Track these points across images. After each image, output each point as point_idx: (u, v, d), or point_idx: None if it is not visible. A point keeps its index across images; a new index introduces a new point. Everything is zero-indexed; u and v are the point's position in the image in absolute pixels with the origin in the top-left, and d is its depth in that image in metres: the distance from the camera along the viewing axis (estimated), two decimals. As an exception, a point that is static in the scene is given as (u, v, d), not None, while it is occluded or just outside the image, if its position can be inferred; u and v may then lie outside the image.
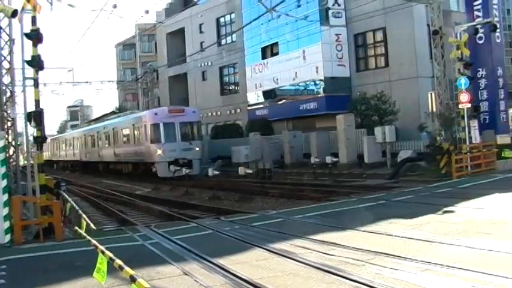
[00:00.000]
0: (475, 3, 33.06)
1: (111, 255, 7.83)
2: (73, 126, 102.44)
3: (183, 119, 40.06)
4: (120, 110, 74.54)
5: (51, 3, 20.09)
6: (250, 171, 28.40)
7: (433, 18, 29.62)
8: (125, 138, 46.13)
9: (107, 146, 50.87)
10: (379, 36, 42.31)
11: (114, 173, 47.95)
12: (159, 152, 38.58)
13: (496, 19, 32.51)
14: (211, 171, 31.00)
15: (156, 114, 40.42)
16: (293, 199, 23.44)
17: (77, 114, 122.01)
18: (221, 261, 10.75)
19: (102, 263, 7.86)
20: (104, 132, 51.70)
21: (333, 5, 42.03)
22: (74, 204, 17.95)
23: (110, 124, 51.54)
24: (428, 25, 32.46)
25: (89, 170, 57.06)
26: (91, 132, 57.63)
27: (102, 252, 8.06)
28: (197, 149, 39.65)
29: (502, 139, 31.32)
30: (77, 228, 14.83)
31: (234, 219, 16.84)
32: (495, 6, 33.88)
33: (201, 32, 59.72)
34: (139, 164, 42.76)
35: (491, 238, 11.79)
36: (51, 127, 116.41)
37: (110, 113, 76.25)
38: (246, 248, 12.19)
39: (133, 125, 43.54)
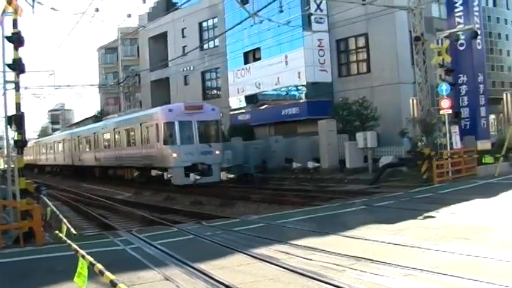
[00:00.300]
0: (457, 10, 33.32)
1: (91, 259, 7.81)
2: (54, 130, 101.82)
3: (202, 117, 34.77)
4: (102, 114, 74.30)
5: (32, 6, 19.98)
6: (232, 176, 28.42)
7: (414, 24, 29.82)
8: (129, 140, 41.19)
9: (106, 148, 46.30)
10: (361, 42, 42.48)
11: (115, 179, 44.02)
12: (174, 155, 33.38)
13: (477, 26, 32.78)
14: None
15: (170, 111, 34.88)
16: (275, 204, 23.45)
17: (58, 118, 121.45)
18: (202, 266, 10.74)
19: (82, 268, 7.84)
20: (103, 133, 47.10)
21: (316, 10, 42.15)
22: (55, 209, 17.86)
23: (110, 124, 46.41)
24: (410, 31, 32.62)
25: (82, 175, 52.67)
26: (85, 133, 53.25)
27: (83, 257, 8.04)
28: (217, 152, 34.64)
29: (482, 145, 31.52)
30: (57, 232, 14.73)
31: (215, 224, 16.81)
32: (476, 13, 34.15)
33: (183, 36, 59.63)
34: (146, 169, 37.86)
35: (471, 243, 11.86)
36: (32, 131, 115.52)
37: (92, 116, 75.97)
38: (227, 253, 12.17)
39: (140, 124, 38.09)
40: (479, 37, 32.55)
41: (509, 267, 9.76)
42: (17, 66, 14.65)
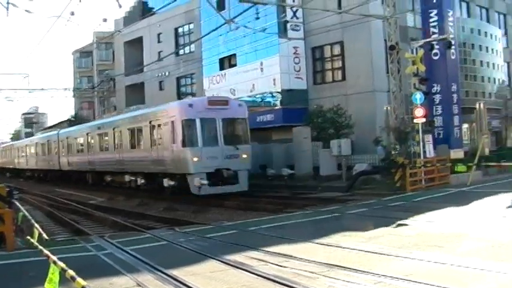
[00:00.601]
0: (431, 20, 33.66)
1: (63, 265, 7.73)
2: (28, 134, 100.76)
3: (227, 114, 30.18)
4: (76, 118, 73.81)
5: (7, 9, 19.88)
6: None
7: (390, 33, 30.03)
8: (133, 141, 35.81)
9: (102, 151, 41.08)
10: (337, 50, 42.64)
11: (113, 187, 38.99)
12: (195, 159, 28.41)
13: (452, 36, 33.10)
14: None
15: (190, 106, 29.61)
16: (249, 211, 23.43)
17: (31, 122, 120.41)
18: (175, 272, 10.70)
19: (54, 274, 7.77)
20: (99, 134, 41.94)
21: (292, 18, 42.23)
22: (27, 213, 17.71)
23: (108, 123, 40.93)
24: (385, 40, 32.82)
25: (70, 181, 47.58)
26: (76, 134, 48.32)
27: (54, 263, 7.96)
28: (245, 156, 29.96)
29: (455, 154, 31.81)
30: (29, 237, 14.61)
31: (189, 230, 16.77)
32: (451, 24, 34.52)
33: (159, 41, 59.50)
34: (157, 175, 32.20)
35: (444, 251, 11.94)
36: (4, 134, 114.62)
37: (66, 120, 75.41)
38: (200, 260, 12.14)
39: (150, 122, 32.68)
40: (453, 47, 32.89)
41: (482, 275, 9.84)
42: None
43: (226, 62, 48.77)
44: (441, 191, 25.11)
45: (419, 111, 27.90)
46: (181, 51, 56.12)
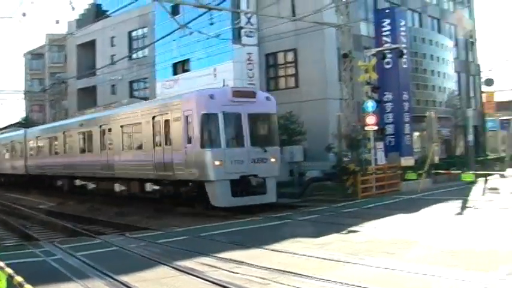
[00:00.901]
0: (384, 29, 34.16)
1: (10, 271, 7.61)
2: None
3: (254, 109, 24.96)
4: (27, 121, 72.67)
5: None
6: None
7: (343, 41, 30.30)
8: (129, 141, 30.51)
9: (85, 152, 34.88)
10: (290, 57, 42.80)
11: (99, 194, 33.28)
12: (217, 163, 23.16)
13: (404, 45, 33.60)
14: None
15: (212, 97, 23.99)
16: (201, 216, 23.35)
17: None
18: (125, 278, 10.62)
19: (1, 280, 7.64)
20: (80, 133, 36.01)
21: (246, 24, 42.27)
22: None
23: (93, 119, 34.56)
24: (338, 48, 33.10)
25: (40, 188, 41.53)
26: (48, 133, 42.62)
27: (2, 269, 7.83)
28: (273, 160, 24.93)
29: (406, 161, 32.23)
30: (-25, 242, 14.35)
31: (140, 236, 16.67)
32: (403, 33, 35.04)
33: (112, 45, 58.99)
34: (162, 183, 26.94)
35: (394, 258, 12.09)
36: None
37: (16, 123, 74.16)
38: (151, 266, 12.08)
39: (153, 117, 27.06)
40: (405, 56, 33.36)
41: (431, 281, 9.98)
42: None
43: (180, 67, 48.59)
44: (392, 198, 25.42)
45: (370, 119, 28.18)
46: (134, 55, 55.75)
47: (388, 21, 34.40)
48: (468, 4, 58.44)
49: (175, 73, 48.89)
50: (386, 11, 37.25)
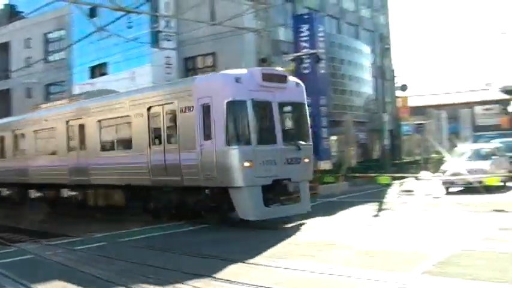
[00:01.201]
0: (302, 34, 34.61)
1: None
2: None
3: (285, 97, 20.05)
4: None
5: None
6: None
7: (261, 46, 30.47)
8: (111, 138, 24.30)
9: (44, 155, 28.69)
10: (209, 61, 42.79)
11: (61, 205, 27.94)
12: (247, 164, 18.17)
13: (321, 51, 34.08)
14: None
15: (238, 80, 18.76)
16: (121, 222, 22.98)
17: None
18: (40, 287, 10.41)
19: None
20: (39, 131, 29.36)
21: (165, 27, 42.06)
22: None
23: (57, 113, 28.03)
24: (258, 52, 33.26)
25: None
26: None
27: None
28: (307, 160, 20.06)
29: (324, 165, 32.70)
30: None
31: (57, 243, 16.34)
32: (321, 39, 35.52)
33: (27, 47, 57.71)
34: (164, 190, 20.95)
35: (314, 260, 12.21)
36: None
37: None
38: (67, 273, 11.86)
39: (149, 108, 21.46)
40: (322, 62, 33.87)
41: (351, 283, 10.14)
42: None
43: (98, 70, 47.97)
44: (310, 201, 25.67)
45: (289, 124, 28.41)
46: (51, 58, 54.69)
47: (306, 27, 34.88)
48: (384, 11, 59.80)
49: (92, 76, 48.24)
50: (305, 16, 37.73)
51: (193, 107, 19.33)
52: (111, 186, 23.70)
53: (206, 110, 18.81)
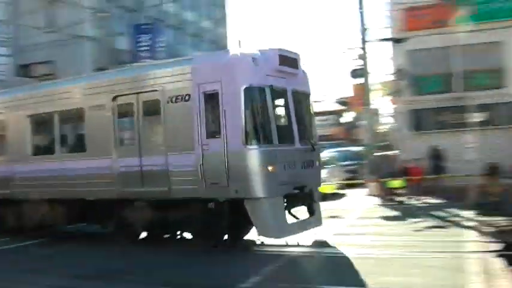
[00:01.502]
0: (142, 44, 34.82)
1: None
2: None
3: (297, 85, 16.04)
4: None
5: None
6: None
7: (100, 55, 30.27)
8: (59, 137, 18.50)
9: None
10: (48, 69, 41.79)
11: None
12: (271, 168, 14.02)
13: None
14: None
15: (255, 62, 14.45)
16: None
17: None
18: None
19: None
20: None
21: (-1, 33, 40.72)
22: None
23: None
24: (96, 61, 33.04)
25: None
26: None
27: None
28: (318, 163, 16.59)
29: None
30: None
31: None
32: (161, 49, 35.80)
33: None
34: (133, 204, 16.12)
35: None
36: None
37: None
38: None
39: (114, 98, 16.53)
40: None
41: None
42: None
43: None
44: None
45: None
46: None
47: (146, 36, 34.99)
48: (224, 23, 61.41)
49: None
50: (145, 26, 37.84)
51: (189, 95, 14.90)
52: (47, 200, 17.84)
53: (211, 99, 14.47)
